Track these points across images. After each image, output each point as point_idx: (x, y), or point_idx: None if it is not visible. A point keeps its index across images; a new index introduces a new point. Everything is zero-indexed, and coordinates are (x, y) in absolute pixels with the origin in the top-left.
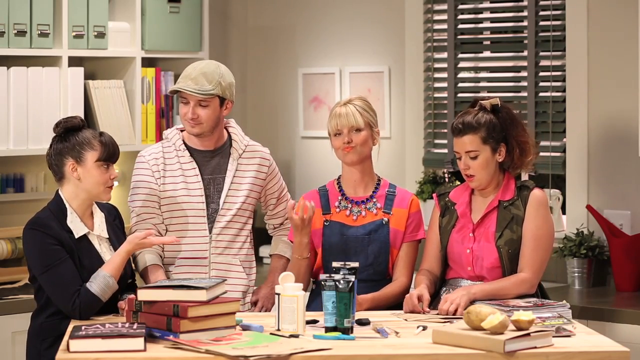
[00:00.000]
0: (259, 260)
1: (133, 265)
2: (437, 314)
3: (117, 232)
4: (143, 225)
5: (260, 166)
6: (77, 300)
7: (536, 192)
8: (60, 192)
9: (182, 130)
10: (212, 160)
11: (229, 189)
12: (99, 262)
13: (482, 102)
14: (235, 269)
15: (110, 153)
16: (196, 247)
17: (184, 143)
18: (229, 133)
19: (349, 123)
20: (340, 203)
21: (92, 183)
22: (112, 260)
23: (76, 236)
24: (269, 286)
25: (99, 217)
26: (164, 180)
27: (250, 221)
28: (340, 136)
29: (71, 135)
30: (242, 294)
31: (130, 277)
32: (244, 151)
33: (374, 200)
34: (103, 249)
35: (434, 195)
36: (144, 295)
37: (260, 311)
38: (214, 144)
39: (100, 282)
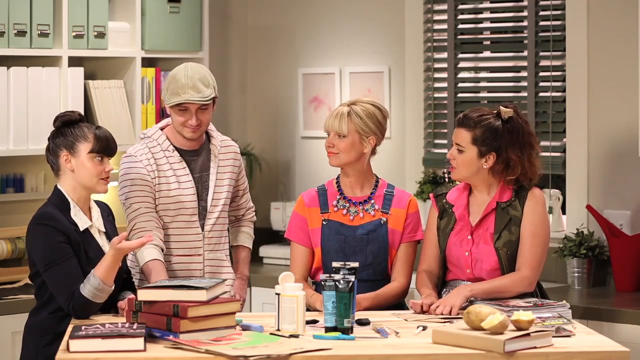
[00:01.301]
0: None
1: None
2: (436, 315)
3: (111, 226)
4: (144, 218)
5: (234, 161)
6: (71, 302)
7: (534, 191)
8: (59, 186)
9: (162, 129)
10: (198, 159)
11: (215, 186)
12: (101, 254)
13: (502, 107)
14: (224, 264)
15: (103, 145)
16: (191, 244)
17: (171, 144)
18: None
19: (333, 128)
20: (338, 202)
21: (85, 175)
22: (101, 263)
23: (81, 229)
24: (239, 277)
25: (96, 211)
26: (158, 180)
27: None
28: (329, 137)
29: (68, 128)
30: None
31: (125, 272)
32: (221, 147)
33: (372, 201)
34: (103, 241)
35: (431, 195)
36: (144, 295)
37: None
38: (199, 143)
39: (90, 286)
